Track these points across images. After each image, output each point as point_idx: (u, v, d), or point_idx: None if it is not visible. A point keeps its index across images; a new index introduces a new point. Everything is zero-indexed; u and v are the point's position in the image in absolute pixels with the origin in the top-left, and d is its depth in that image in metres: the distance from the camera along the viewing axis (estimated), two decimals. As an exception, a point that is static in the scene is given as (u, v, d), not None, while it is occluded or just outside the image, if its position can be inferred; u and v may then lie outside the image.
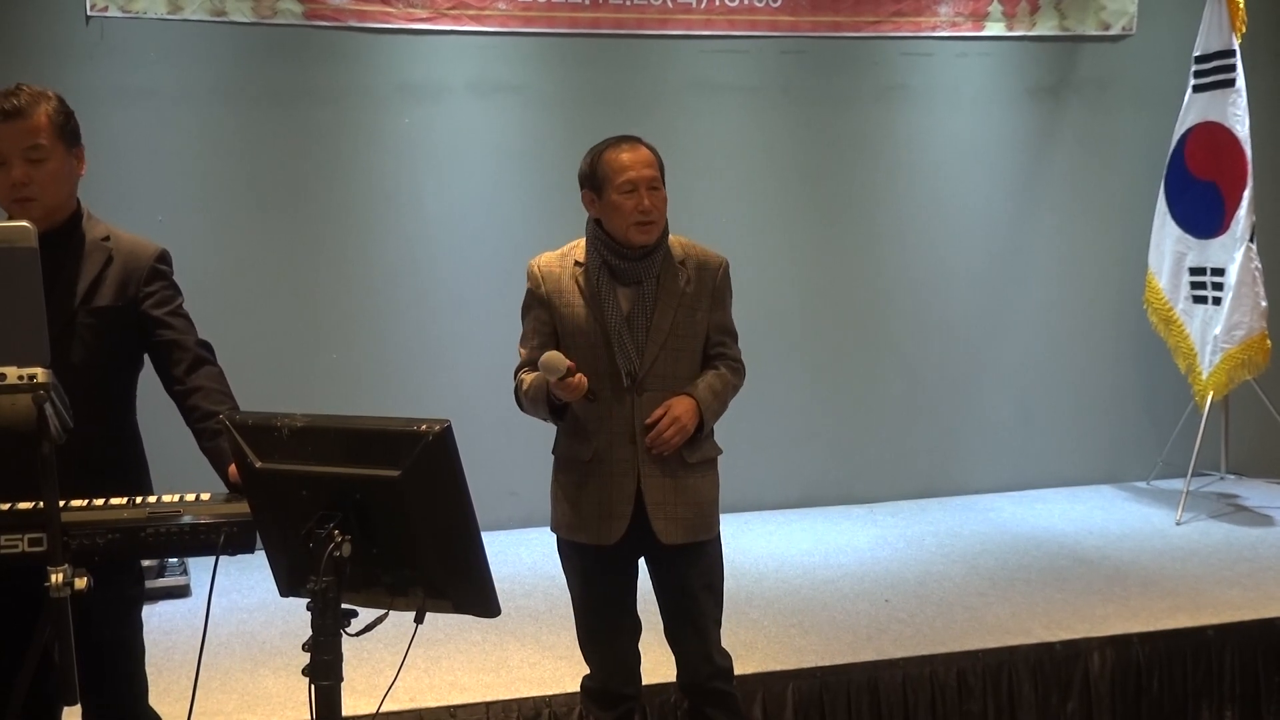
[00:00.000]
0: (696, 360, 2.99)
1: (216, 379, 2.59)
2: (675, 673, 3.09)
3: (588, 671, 3.13)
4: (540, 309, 2.99)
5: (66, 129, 2.55)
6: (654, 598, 3.06)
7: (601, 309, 2.91)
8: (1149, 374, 6.26)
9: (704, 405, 2.92)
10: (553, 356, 2.78)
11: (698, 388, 2.94)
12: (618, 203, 2.87)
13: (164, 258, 2.67)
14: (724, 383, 2.99)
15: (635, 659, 3.11)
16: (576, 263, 2.98)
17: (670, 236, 3.00)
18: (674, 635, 3.05)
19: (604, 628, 3.05)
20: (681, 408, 2.88)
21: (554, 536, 3.08)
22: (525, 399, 2.99)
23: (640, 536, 2.93)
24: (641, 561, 3.06)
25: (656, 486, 2.91)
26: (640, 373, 2.91)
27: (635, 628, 3.09)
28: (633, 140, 2.95)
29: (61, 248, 2.54)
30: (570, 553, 3.05)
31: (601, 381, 2.91)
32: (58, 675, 2.13)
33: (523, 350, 3.02)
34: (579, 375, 2.78)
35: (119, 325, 2.58)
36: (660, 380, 2.92)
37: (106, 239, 2.60)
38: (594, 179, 2.93)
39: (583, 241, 3.01)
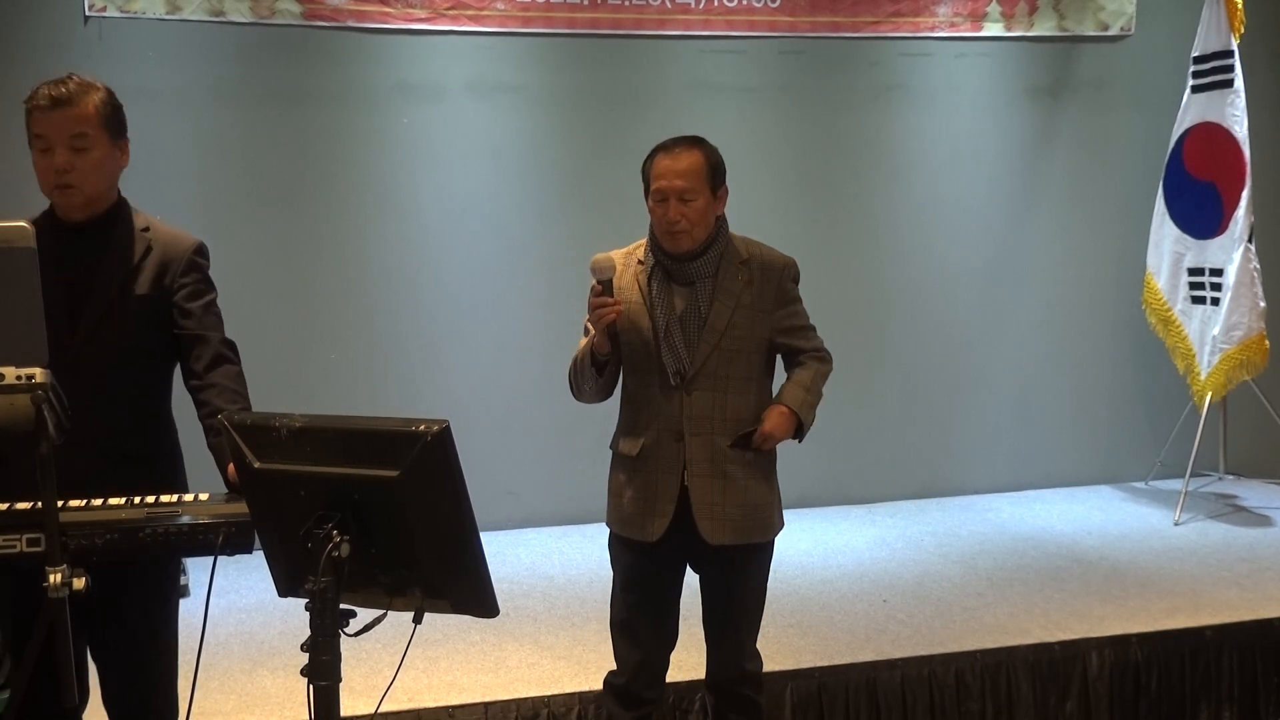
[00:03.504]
0: (753, 362, 2.97)
1: (233, 378, 2.60)
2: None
3: (607, 670, 3.13)
4: None
5: (113, 120, 2.56)
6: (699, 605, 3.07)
7: (653, 307, 2.93)
8: (1147, 374, 6.26)
9: (798, 405, 2.93)
10: (604, 258, 2.85)
11: (786, 391, 2.96)
12: (652, 209, 2.92)
13: (201, 250, 2.69)
14: (812, 374, 3.00)
15: (662, 665, 3.09)
16: (639, 261, 3.00)
17: (736, 236, 3.01)
18: (709, 634, 3.07)
19: (637, 626, 3.03)
20: (771, 422, 2.91)
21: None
22: (575, 365, 3.00)
23: (688, 537, 2.93)
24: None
25: (703, 485, 2.91)
26: (690, 371, 2.91)
27: (670, 635, 3.08)
28: (685, 144, 2.94)
29: (102, 237, 2.56)
30: (616, 547, 3.07)
31: (652, 378, 2.93)
32: (60, 675, 2.13)
33: (581, 342, 3.03)
34: (618, 302, 2.83)
35: (156, 314, 2.59)
36: (711, 380, 2.92)
37: (146, 230, 2.62)
38: (644, 181, 2.96)
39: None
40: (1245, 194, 5.60)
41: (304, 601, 1.96)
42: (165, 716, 2.66)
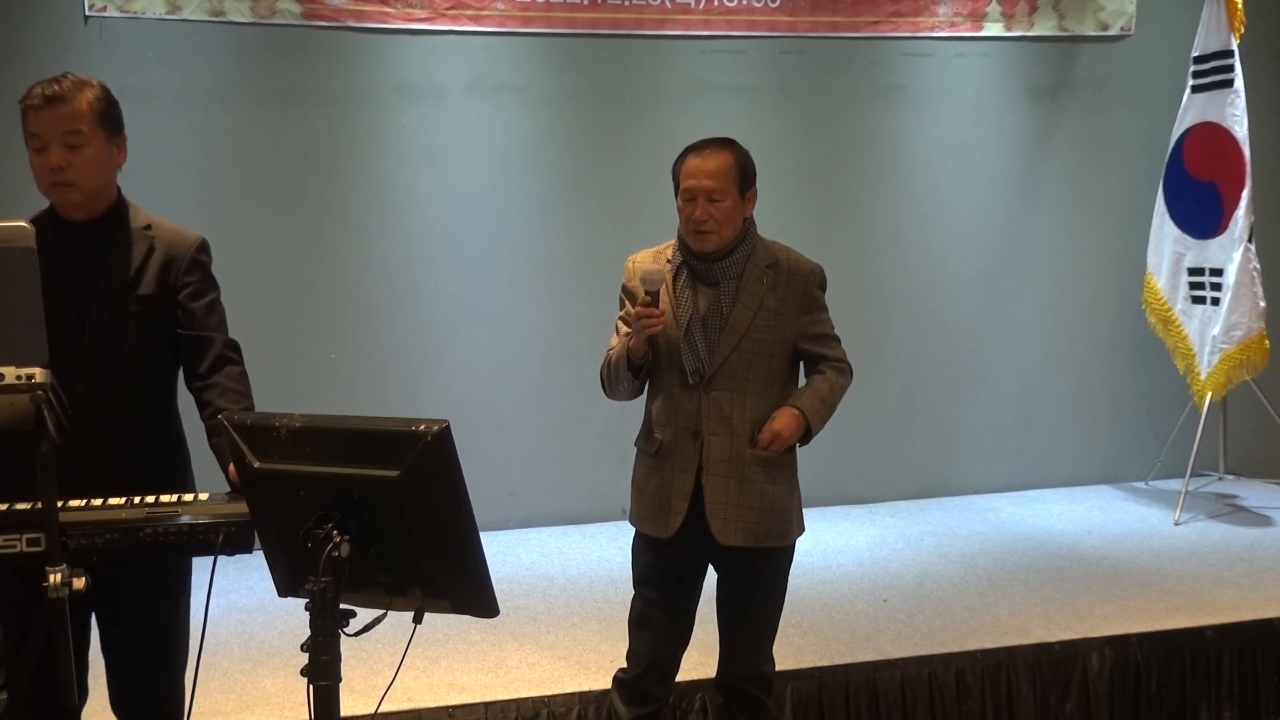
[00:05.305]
0: (774, 366, 2.97)
1: (235, 379, 2.60)
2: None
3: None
4: (630, 302, 3.01)
5: (108, 117, 2.56)
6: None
7: (677, 306, 2.95)
8: (1147, 374, 6.26)
9: (809, 412, 2.93)
10: (655, 270, 2.92)
11: (802, 396, 2.96)
12: (680, 208, 2.94)
13: (204, 248, 2.68)
14: (830, 385, 2.99)
15: (672, 664, 3.09)
16: (668, 260, 3.02)
17: (766, 240, 3.02)
18: (723, 634, 3.07)
19: (651, 622, 3.03)
20: (781, 421, 2.91)
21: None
22: (609, 365, 3.01)
23: (705, 537, 2.93)
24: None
25: (718, 485, 2.92)
26: (709, 371, 2.92)
27: (683, 634, 3.07)
28: (715, 145, 2.94)
29: (105, 237, 2.56)
30: (636, 542, 3.09)
31: (673, 376, 2.95)
32: (59, 676, 2.13)
33: (613, 340, 3.04)
34: (662, 313, 2.85)
35: (161, 313, 2.59)
36: (730, 380, 2.93)
37: (148, 228, 2.62)
38: (674, 181, 2.98)
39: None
40: (1245, 194, 5.60)
41: (304, 601, 1.96)
42: (173, 716, 2.66)
